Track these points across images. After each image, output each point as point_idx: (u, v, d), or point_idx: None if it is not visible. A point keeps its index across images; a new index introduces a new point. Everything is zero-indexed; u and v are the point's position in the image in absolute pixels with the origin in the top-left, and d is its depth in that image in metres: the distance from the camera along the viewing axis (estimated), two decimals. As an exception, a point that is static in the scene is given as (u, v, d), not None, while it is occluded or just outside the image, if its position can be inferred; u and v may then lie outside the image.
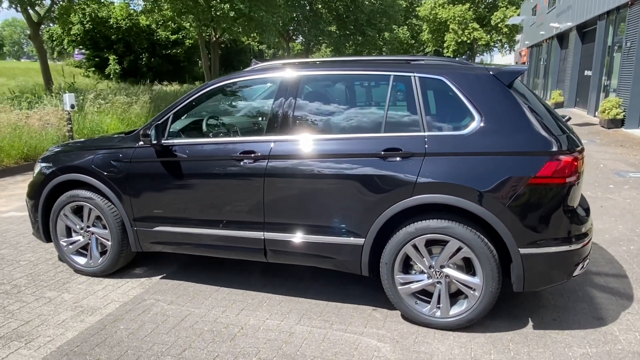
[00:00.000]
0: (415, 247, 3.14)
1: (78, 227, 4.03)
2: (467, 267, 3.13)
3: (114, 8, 37.89)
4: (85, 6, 27.04)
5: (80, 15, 40.19)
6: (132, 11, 36.71)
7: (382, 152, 3.14)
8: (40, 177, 4.06)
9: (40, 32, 25.82)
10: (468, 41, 45.72)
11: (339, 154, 3.26)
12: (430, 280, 3.19)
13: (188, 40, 42.62)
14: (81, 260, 4.07)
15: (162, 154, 3.63)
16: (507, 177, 2.93)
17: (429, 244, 3.16)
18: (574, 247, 2.98)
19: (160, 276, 4.07)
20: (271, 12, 28.90)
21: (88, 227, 4.00)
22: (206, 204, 3.58)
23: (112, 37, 42.17)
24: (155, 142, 3.54)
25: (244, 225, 3.50)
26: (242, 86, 3.92)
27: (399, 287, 3.23)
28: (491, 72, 3.12)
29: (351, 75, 3.53)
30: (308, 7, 41.45)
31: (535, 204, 2.93)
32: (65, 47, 42.68)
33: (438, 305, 3.18)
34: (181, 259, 4.37)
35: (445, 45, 47.33)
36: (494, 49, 53.46)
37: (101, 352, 2.96)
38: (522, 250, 2.95)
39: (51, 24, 34.52)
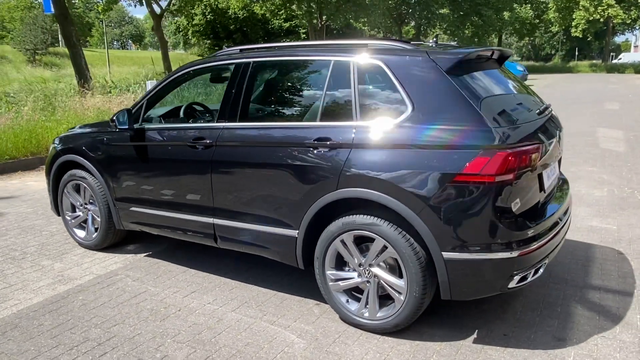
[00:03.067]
0: (343, 242, 2.98)
1: (78, 203, 4.41)
2: (399, 268, 2.90)
3: (232, -2, 39.89)
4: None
5: (203, 7, 43.11)
6: (247, 1, 38.44)
7: (314, 142, 3.00)
8: (50, 157, 4.50)
9: (162, 24, 28.21)
10: (601, 19, 41.09)
11: (275, 143, 3.18)
12: (360, 279, 3.00)
13: (302, 30, 43.66)
14: (81, 234, 4.46)
15: (132, 138, 3.83)
16: (431, 173, 2.64)
17: (361, 240, 2.97)
18: (506, 255, 2.60)
19: (145, 254, 4.32)
20: (376, -6, 28.48)
21: (85, 204, 4.36)
22: (168, 188, 3.72)
23: (231, 27, 44.61)
24: (121, 127, 3.74)
25: (197, 210, 3.58)
26: (205, 72, 3.97)
27: (330, 284, 3.09)
28: (430, 56, 2.81)
29: (296, 61, 3.39)
30: (418, -12, 40.10)
31: (461, 204, 2.60)
32: (190, 37, 46.05)
33: (367, 306, 2.99)
34: (173, 240, 4.58)
35: (573, 24, 43.03)
36: (636, 28, 47.47)
37: (48, 319, 3.24)
38: (446, 255, 2.66)
39: (177, 16, 37.44)
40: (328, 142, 2.95)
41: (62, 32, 18.88)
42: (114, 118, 3.77)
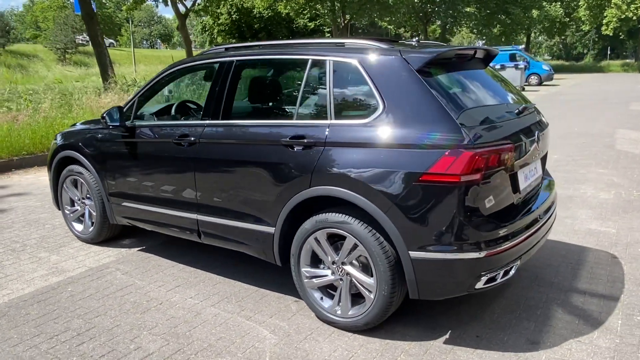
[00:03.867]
0: (317, 240, 3.00)
1: (76, 198, 4.54)
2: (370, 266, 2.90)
3: (257, -3, 40.18)
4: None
5: (229, 6, 43.57)
6: (272, 0, 38.67)
7: (289, 140, 3.03)
8: (51, 152, 4.65)
9: (191, 24, 28.64)
10: (634, 17, 39.88)
11: (254, 141, 3.22)
12: (333, 277, 3.02)
13: (326, 29, 43.72)
14: (79, 228, 4.59)
15: (122, 135, 3.92)
16: (398, 172, 2.63)
17: (336, 238, 2.98)
18: (473, 255, 2.58)
19: (138, 248, 4.42)
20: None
21: (83, 198, 4.49)
22: (156, 184, 3.79)
23: (256, 26, 44.94)
24: (110, 124, 3.84)
25: (183, 206, 3.65)
26: (193, 71, 4.03)
27: (305, 281, 3.11)
28: (402, 55, 2.80)
29: (276, 59, 3.42)
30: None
31: (428, 203, 2.59)
32: (215, 36, 46.63)
33: (339, 304, 3.00)
34: (168, 235, 4.66)
35: (604, 22, 41.87)
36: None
37: (35, 309, 3.35)
38: (413, 254, 2.65)
39: (201, 16, 37.92)
40: (302, 141, 2.97)
41: (88, 31, 19.37)
42: (104, 115, 3.87)
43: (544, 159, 3.47)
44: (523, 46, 34.63)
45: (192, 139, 3.48)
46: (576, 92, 22.25)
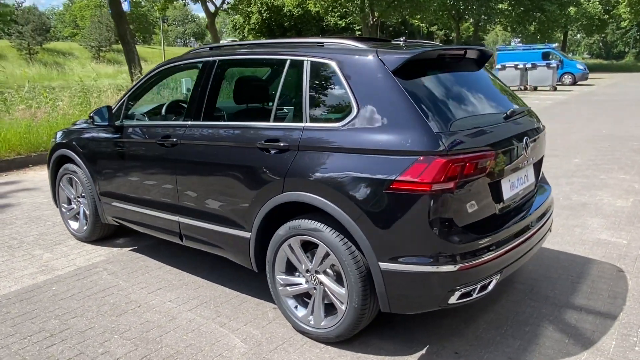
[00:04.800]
0: (291, 247, 2.89)
1: (72, 196, 4.56)
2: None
3: (287, -5, 40.17)
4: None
5: (259, 5, 43.83)
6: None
7: (264, 143, 2.93)
8: (49, 150, 4.69)
9: (223, 22, 28.94)
10: (679, 14, 38.10)
11: (231, 143, 3.14)
12: (307, 286, 2.91)
13: (357, 27, 43.42)
14: (75, 226, 4.61)
15: (110, 135, 3.91)
16: (369, 178, 2.50)
17: (310, 246, 2.87)
18: (445, 268, 2.42)
19: (130, 248, 4.40)
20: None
21: (78, 197, 4.51)
22: (141, 185, 3.76)
23: (285, 24, 45.05)
24: (97, 124, 3.83)
25: (166, 207, 3.60)
26: (178, 71, 3.97)
27: (279, 288, 3.01)
28: (378, 56, 2.66)
29: (256, 59, 3.32)
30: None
31: (399, 213, 2.45)
32: (246, 34, 46.96)
33: (313, 314, 2.89)
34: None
35: (646, 19, 40.17)
36: None
37: (16, 307, 3.36)
38: (383, 265, 2.51)
39: (230, 14, 38.28)
40: (277, 144, 2.87)
41: (117, 30, 19.83)
42: (91, 115, 3.86)
43: (538, 165, 3.27)
44: (557, 44, 33.54)
45: (174, 140, 3.42)
46: (611, 92, 21.40)
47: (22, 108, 8.59)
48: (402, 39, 3.13)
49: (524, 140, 2.87)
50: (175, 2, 29.89)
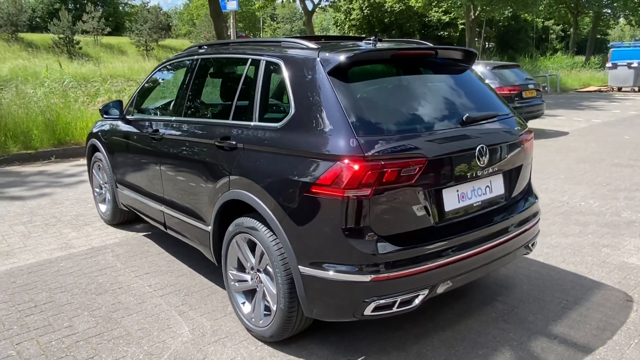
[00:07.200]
0: (237, 244, 2.94)
1: (101, 182, 4.98)
2: (281, 277, 2.76)
3: (388, -8, 39.74)
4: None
5: (361, 1, 43.85)
6: (402, -6, 37.90)
7: (219, 140, 3.00)
8: (86, 139, 5.15)
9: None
10: None
11: (198, 139, 3.26)
12: (251, 283, 2.94)
13: (461, 21, 41.82)
14: (103, 209, 5.03)
15: (120, 127, 4.22)
16: (294, 181, 2.47)
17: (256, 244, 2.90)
18: (356, 278, 2.32)
19: (144, 233, 4.71)
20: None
21: (105, 183, 4.91)
22: (141, 175, 4.02)
23: (386, 20, 44.61)
24: (106, 116, 4.14)
25: (154, 197, 3.82)
26: (177, 68, 4.14)
27: (230, 283, 3.07)
28: (318, 56, 2.60)
29: (227, 58, 3.38)
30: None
31: (316, 217, 2.39)
32: (347, 31, 47.23)
33: (254, 311, 2.91)
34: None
35: None
36: None
37: (23, 279, 3.76)
38: (302, 269, 2.47)
39: (327, 12, 38.69)
40: (228, 142, 2.92)
41: (215, 28, 20.98)
42: (101, 108, 4.18)
43: (515, 174, 2.97)
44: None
45: (161, 133, 3.62)
46: None
47: (103, 100, 9.45)
48: (372, 39, 3.01)
49: (479, 148, 2.63)
50: (275, 1, 30.96)
